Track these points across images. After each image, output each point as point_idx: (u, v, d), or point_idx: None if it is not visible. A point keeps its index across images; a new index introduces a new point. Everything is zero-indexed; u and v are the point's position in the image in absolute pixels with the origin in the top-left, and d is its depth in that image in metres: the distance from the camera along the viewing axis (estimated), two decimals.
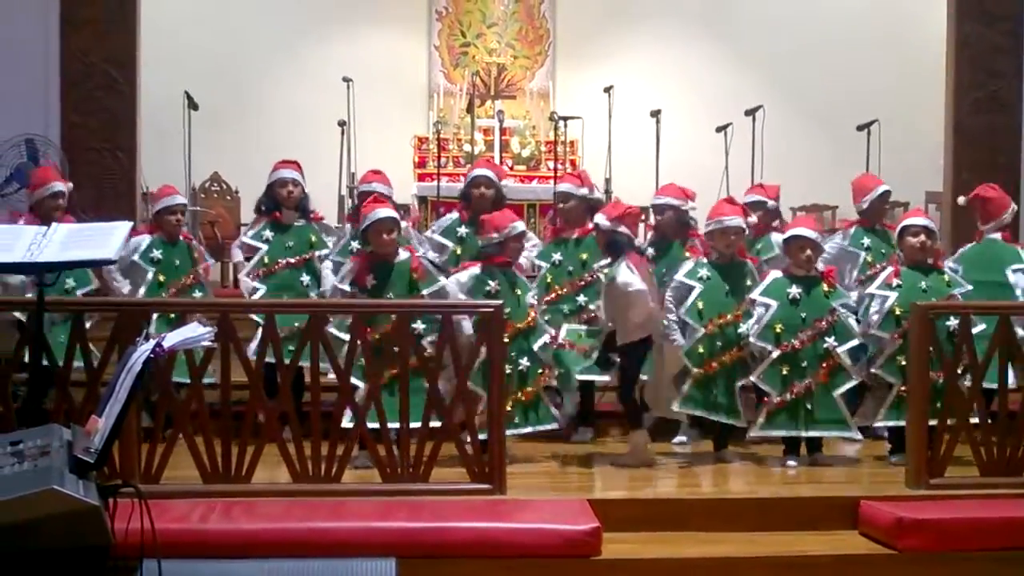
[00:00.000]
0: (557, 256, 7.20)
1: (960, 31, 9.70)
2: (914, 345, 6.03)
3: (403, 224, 7.10)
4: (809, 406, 6.57)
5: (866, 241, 7.31)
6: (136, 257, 7.02)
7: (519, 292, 6.63)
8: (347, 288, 6.53)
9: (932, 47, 10.43)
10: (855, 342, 6.65)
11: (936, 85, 10.10)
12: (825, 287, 6.67)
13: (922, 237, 6.64)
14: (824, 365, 6.58)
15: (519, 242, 6.71)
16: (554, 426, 6.72)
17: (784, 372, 6.57)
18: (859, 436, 6.70)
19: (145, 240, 7.09)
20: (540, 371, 6.59)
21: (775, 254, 7.26)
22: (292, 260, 7.12)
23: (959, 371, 6.09)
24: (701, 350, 6.65)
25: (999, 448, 6.03)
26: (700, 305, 6.66)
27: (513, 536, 5.16)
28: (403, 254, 6.59)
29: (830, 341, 6.59)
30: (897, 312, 6.50)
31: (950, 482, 5.96)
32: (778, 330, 6.57)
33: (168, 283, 7.02)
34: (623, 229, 6.57)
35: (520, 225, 6.74)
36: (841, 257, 7.36)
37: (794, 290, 6.61)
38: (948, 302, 6.52)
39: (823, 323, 6.60)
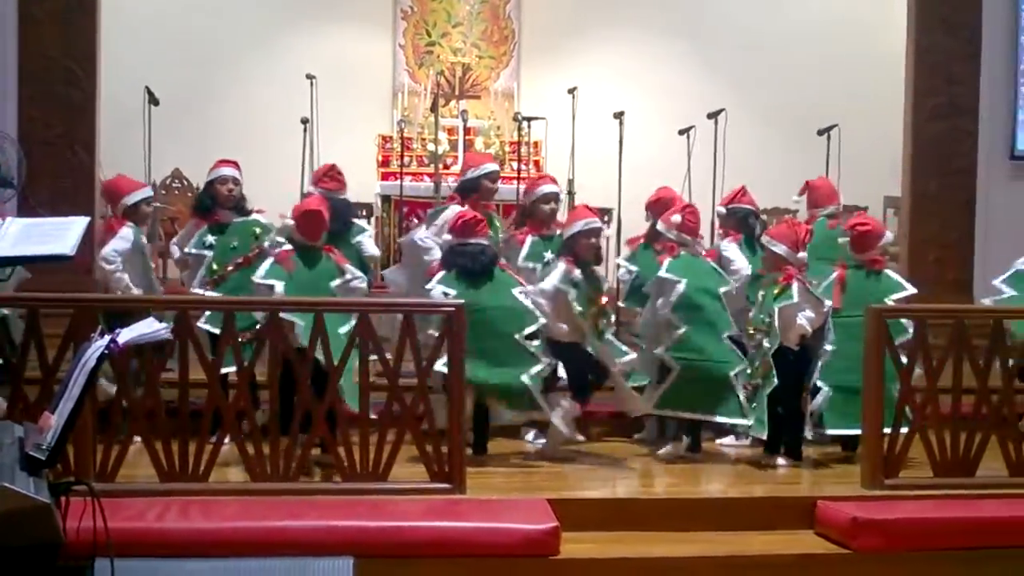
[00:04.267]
0: (548, 254, 7.19)
1: (919, 39, 9.78)
2: (868, 347, 6.09)
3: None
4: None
5: None
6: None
7: None
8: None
9: (892, 54, 10.49)
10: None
11: (896, 91, 10.17)
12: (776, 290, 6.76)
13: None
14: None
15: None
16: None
17: (747, 372, 6.75)
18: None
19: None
20: None
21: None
22: (240, 260, 7.04)
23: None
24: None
25: (952, 449, 6.09)
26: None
27: (472, 535, 5.17)
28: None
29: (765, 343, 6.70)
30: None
31: (904, 482, 6.02)
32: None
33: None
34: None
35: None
36: None
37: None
38: (904, 305, 6.61)
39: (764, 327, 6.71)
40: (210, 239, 7.12)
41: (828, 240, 7.23)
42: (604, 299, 6.74)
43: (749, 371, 6.68)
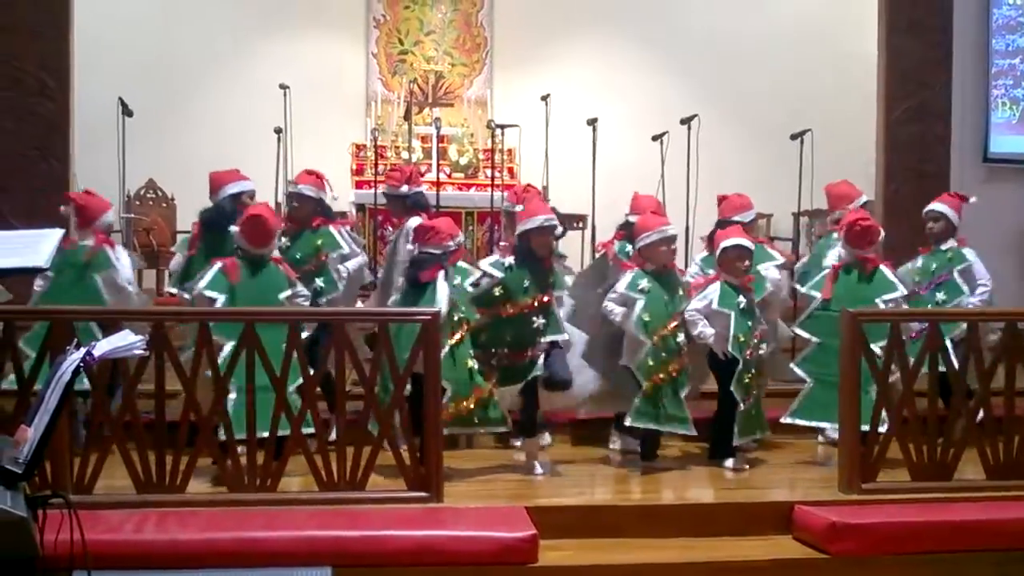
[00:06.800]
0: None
1: (890, 42, 9.84)
2: (844, 350, 6.12)
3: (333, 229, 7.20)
4: (754, 412, 6.75)
5: None
6: None
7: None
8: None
9: (864, 58, 10.56)
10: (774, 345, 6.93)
11: (868, 95, 10.23)
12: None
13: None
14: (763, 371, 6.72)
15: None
16: (503, 429, 6.68)
17: (747, 380, 6.67)
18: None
19: None
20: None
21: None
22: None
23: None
24: (651, 363, 6.59)
25: (929, 452, 6.12)
26: (646, 317, 6.61)
27: (450, 544, 5.16)
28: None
29: (765, 347, 6.73)
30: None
31: (882, 486, 6.04)
32: (741, 339, 6.67)
33: None
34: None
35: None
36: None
37: (742, 300, 6.71)
38: (878, 309, 6.65)
39: (761, 331, 6.74)
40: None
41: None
42: (545, 297, 6.58)
43: None
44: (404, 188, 7.46)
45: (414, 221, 7.12)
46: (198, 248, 7.06)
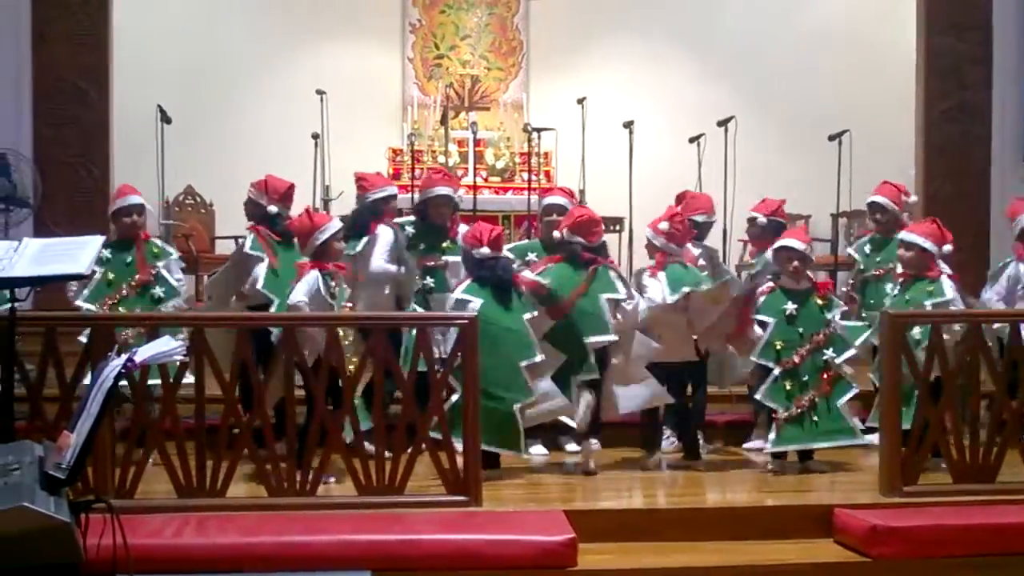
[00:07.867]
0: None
1: (929, 42, 9.79)
2: (884, 352, 6.08)
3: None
4: (816, 418, 6.60)
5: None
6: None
7: None
8: None
9: (903, 57, 10.49)
10: (852, 352, 6.72)
11: (907, 95, 10.16)
12: (819, 300, 6.73)
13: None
14: (824, 377, 6.62)
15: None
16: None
17: (788, 387, 6.60)
18: (866, 441, 6.72)
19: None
20: None
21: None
22: None
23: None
24: None
25: (971, 455, 6.07)
26: None
27: (488, 548, 5.16)
28: None
29: (829, 353, 6.64)
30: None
31: (924, 489, 6.00)
32: (778, 347, 6.61)
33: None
34: (578, 239, 6.67)
35: None
36: None
37: (790, 306, 6.65)
38: (919, 311, 6.59)
39: (819, 337, 6.65)
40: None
41: None
42: None
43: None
44: (461, 192, 7.67)
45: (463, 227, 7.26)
46: None
